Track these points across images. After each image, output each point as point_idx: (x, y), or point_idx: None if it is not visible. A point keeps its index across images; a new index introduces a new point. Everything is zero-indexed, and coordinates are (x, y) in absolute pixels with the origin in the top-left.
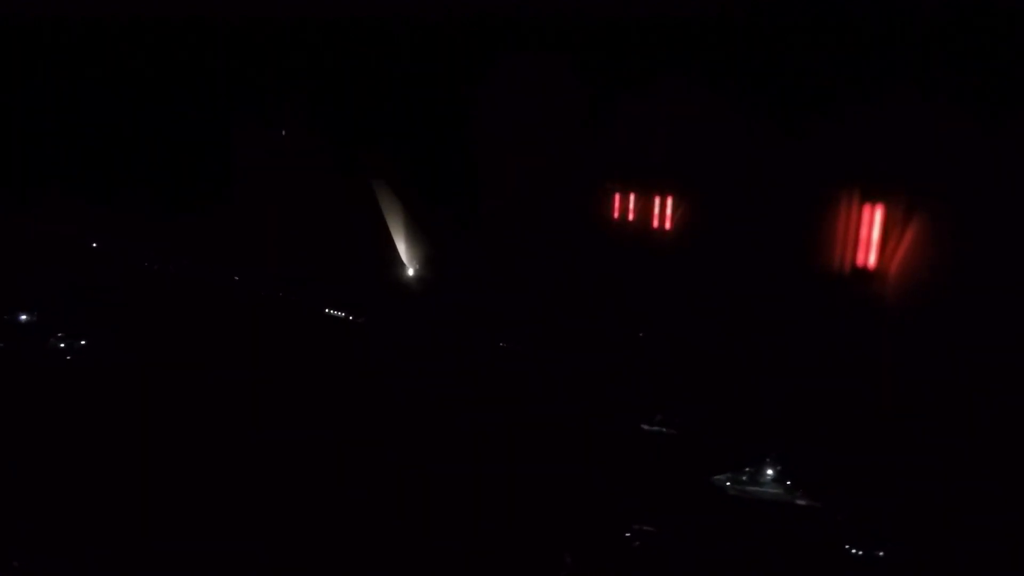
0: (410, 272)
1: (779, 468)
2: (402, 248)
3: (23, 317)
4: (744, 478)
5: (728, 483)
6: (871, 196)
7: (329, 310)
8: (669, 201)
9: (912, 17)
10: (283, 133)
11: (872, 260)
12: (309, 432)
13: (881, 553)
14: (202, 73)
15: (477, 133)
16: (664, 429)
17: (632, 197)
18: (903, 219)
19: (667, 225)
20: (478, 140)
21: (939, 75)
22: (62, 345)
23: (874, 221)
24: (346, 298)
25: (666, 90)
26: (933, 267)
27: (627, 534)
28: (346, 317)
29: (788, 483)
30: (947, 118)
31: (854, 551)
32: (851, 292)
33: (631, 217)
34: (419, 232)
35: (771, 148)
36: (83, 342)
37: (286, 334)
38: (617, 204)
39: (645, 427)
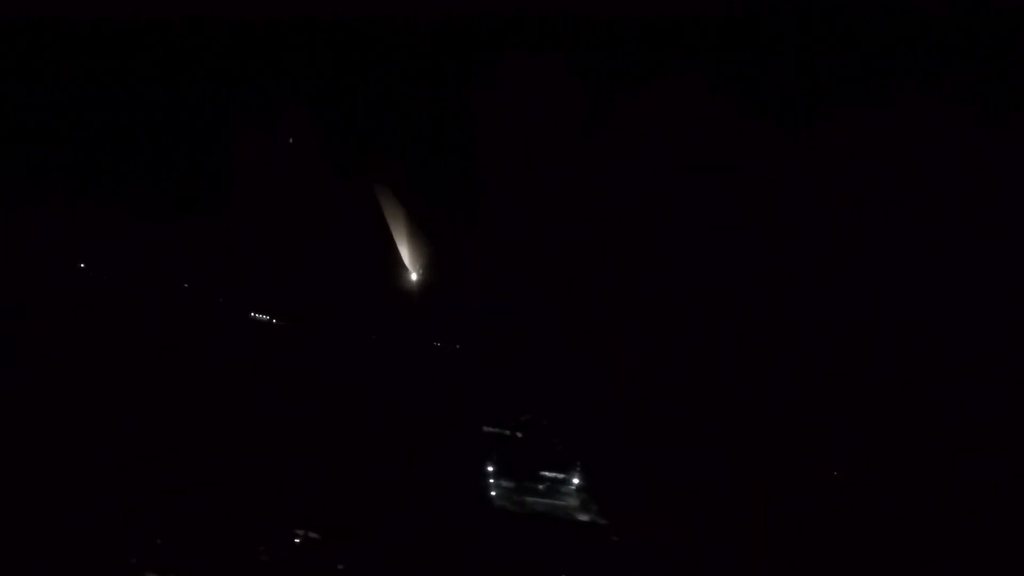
0: (413, 276)
1: (579, 481)
2: (405, 252)
3: None
4: (541, 487)
5: (495, 491)
6: None
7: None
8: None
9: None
10: (289, 141)
11: None
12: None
13: None
14: (202, 75)
15: (481, 135)
16: (508, 432)
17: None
18: None
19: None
20: (482, 142)
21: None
22: None
23: None
24: (346, 303)
25: (667, 90)
26: None
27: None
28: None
29: (583, 499)
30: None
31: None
32: None
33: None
34: (422, 236)
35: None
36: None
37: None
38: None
39: (486, 428)
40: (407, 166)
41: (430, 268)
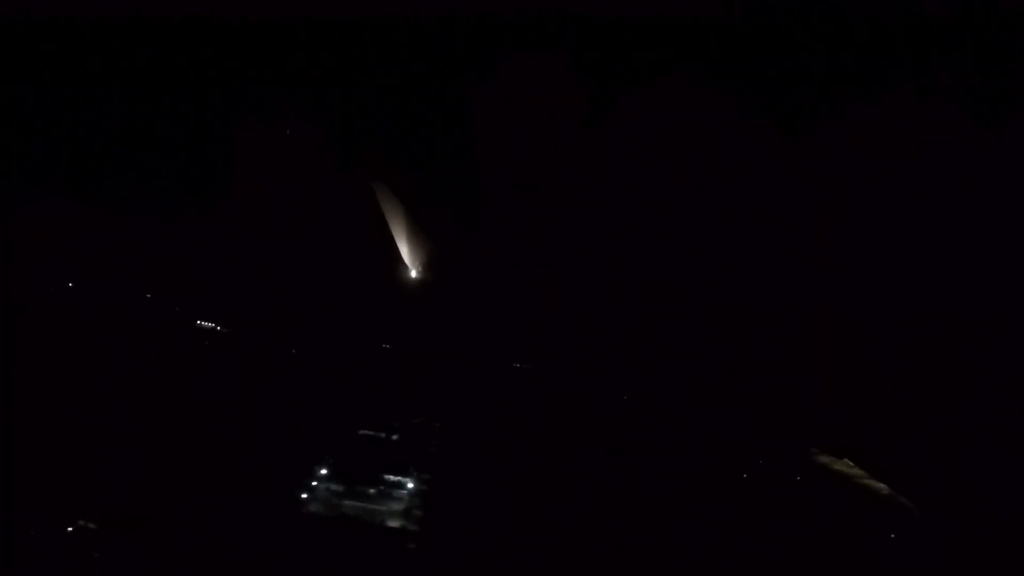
0: (413, 274)
1: (413, 486)
2: (404, 250)
3: None
4: (372, 490)
5: (316, 494)
6: None
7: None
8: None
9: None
10: (287, 132)
11: None
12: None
13: None
14: (202, 74)
15: (480, 133)
16: (384, 434)
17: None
18: None
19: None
20: (481, 140)
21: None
22: None
23: None
24: (345, 304)
25: (667, 90)
26: None
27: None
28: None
29: (408, 506)
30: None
31: None
32: None
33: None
34: (422, 234)
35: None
36: None
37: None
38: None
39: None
40: (407, 165)
41: (429, 267)
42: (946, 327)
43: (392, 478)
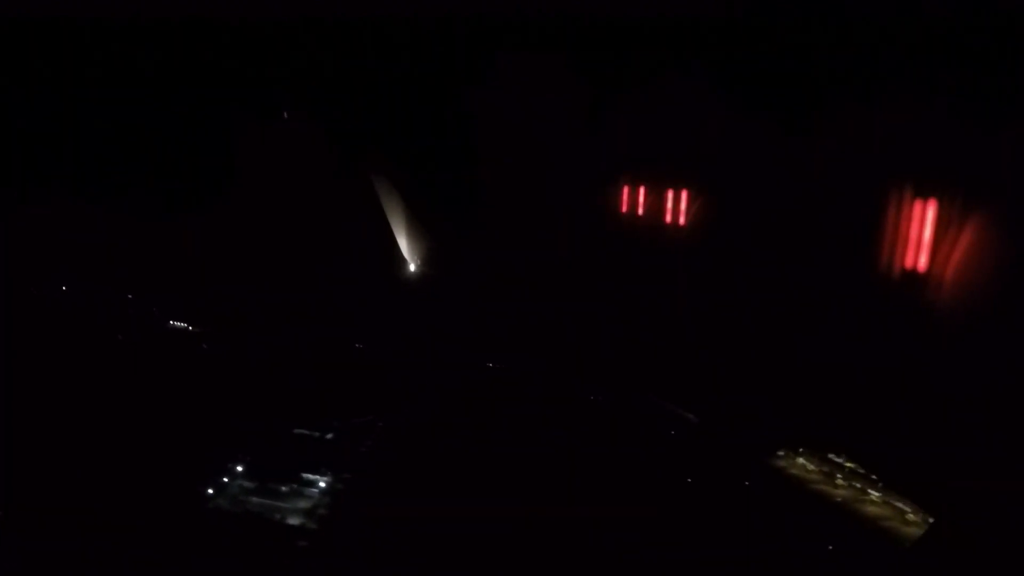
0: (411, 267)
1: (325, 485)
2: (403, 244)
3: None
4: (285, 488)
5: (225, 491)
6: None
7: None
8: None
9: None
10: (284, 115)
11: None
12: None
13: None
14: (205, 73)
15: (478, 130)
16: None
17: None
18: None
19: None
20: (479, 137)
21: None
22: None
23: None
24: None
25: (667, 90)
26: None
27: None
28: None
29: (314, 504)
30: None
31: None
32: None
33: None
34: (421, 228)
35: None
36: None
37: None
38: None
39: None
40: (406, 161)
41: (418, 265)
42: (946, 327)
43: (308, 476)
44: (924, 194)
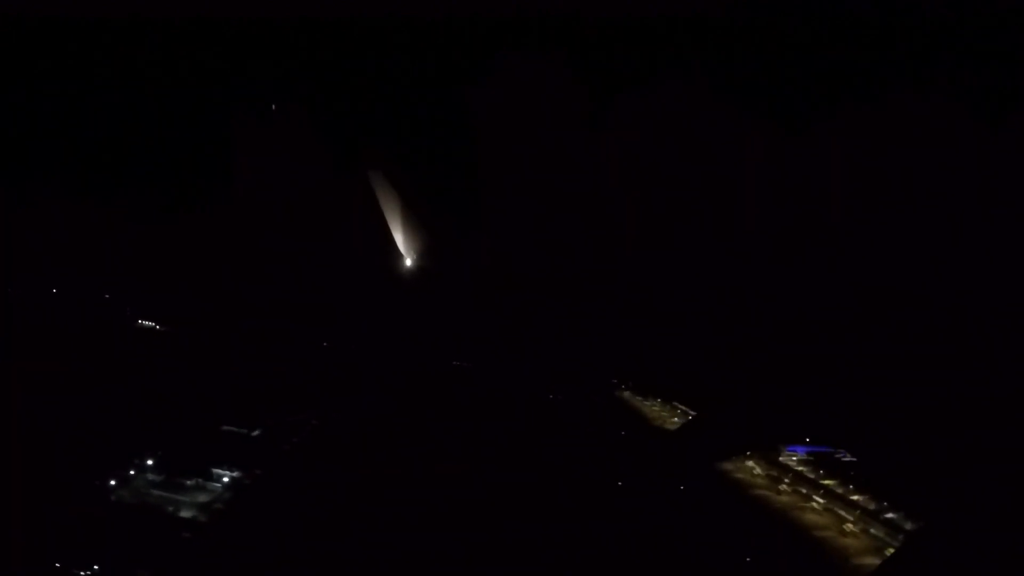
0: (408, 263)
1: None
2: (399, 239)
3: None
4: (189, 482)
5: (115, 483)
6: None
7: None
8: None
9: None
10: (273, 107)
11: None
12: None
13: None
14: (204, 72)
15: (474, 128)
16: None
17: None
18: None
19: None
20: (475, 135)
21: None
22: None
23: None
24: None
25: (666, 90)
26: None
27: None
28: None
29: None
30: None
31: None
32: None
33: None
34: (417, 223)
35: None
36: None
37: None
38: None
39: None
40: (403, 157)
41: (412, 264)
42: (945, 327)
43: (216, 472)
44: None
